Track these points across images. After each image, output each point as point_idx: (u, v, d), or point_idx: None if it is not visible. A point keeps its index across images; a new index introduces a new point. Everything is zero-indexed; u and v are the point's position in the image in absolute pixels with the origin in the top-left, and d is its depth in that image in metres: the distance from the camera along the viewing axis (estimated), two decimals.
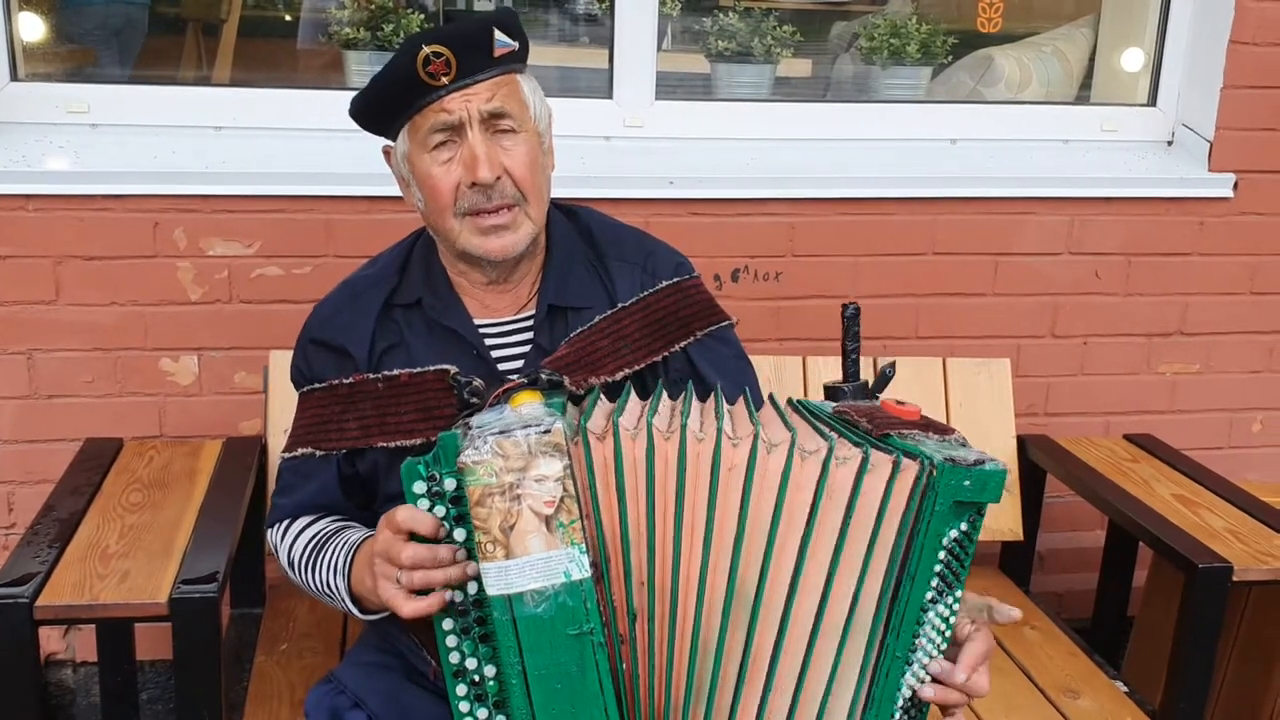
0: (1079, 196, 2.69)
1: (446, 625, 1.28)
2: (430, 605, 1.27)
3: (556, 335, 1.64)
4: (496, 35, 1.54)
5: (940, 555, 1.26)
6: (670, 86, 2.72)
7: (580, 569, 1.23)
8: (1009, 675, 2.11)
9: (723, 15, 2.88)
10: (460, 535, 1.25)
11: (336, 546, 1.56)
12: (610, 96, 2.61)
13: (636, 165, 2.54)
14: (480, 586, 1.25)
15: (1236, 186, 2.73)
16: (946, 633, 1.32)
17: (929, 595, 1.28)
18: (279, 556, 1.69)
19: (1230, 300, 2.82)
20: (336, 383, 1.64)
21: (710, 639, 1.29)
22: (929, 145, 2.74)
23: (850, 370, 1.57)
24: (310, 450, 1.64)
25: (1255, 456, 2.93)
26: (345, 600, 1.53)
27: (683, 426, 1.28)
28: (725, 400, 1.41)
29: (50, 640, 2.53)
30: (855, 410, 1.38)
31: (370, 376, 1.61)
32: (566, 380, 1.45)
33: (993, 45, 3.07)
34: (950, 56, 2.96)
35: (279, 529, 1.68)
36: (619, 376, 1.59)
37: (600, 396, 1.40)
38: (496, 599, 1.23)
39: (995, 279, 2.70)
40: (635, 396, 1.42)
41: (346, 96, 1.65)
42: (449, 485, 1.24)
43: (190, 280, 2.39)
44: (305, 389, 1.69)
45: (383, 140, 1.65)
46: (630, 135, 2.61)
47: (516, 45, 1.57)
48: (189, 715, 1.74)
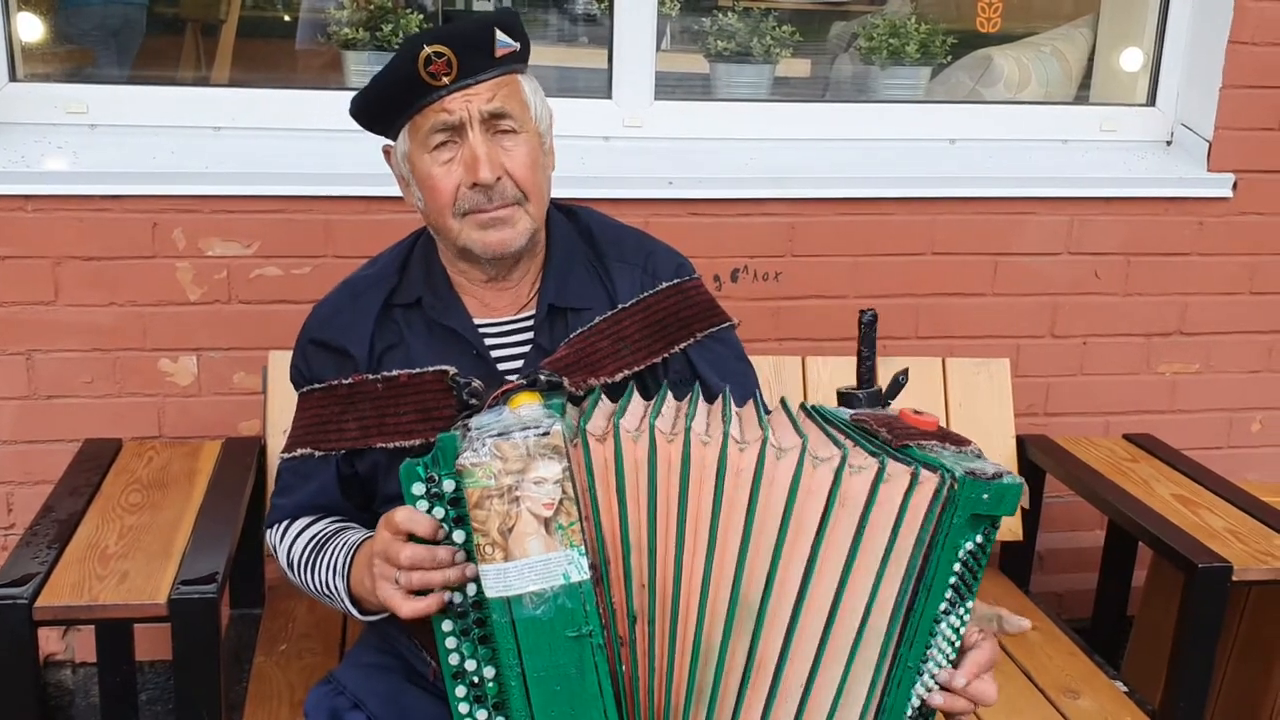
0: (1078, 196, 2.68)
1: (446, 626, 1.28)
2: (429, 606, 1.27)
3: (556, 335, 1.64)
4: (498, 35, 1.53)
5: (955, 567, 1.27)
6: (669, 86, 2.72)
7: (579, 571, 1.23)
8: (1009, 676, 2.11)
9: (722, 15, 2.88)
10: (459, 537, 1.25)
11: (336, 547, 1.56)
12: (609, 96, 2.61)
13: (636, 165, 2.54)
14: (479, 588, 1.24)
15: (1236, 186, 2.73)
16: (956, 643, 1.32)
17: (942, 606, 1.28)
18: (278, 557, 1.69)
19: (1230, 300, 2.82)
20: (336, 383, 1.63)
21: (713, 643, 1.28)
22: (928, 145, 2.74)
23: (865, 376, 1.57)
24: (309, 451, 1.64)
25: (1255, 456, 2.93)
26: (345, 601, 1.52)
27: (687, 429, 1.28)
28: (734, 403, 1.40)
29: (49, 641, 2.53)
30: (875, 419, 1.38)
31: (369, 377, 1.61)
32: (566, 381, 1.45)
33: (992, 45, 3.06)
34: (949, 56, 2.95)
35: (278, 529, 1.68)
36: (619, 378, 1.59)
37: (602, 398, 1.40)
38: (495, 601, 1.23)
39: (995, 279, 2.70)
40: (638, 397, 1.41)
41: (346, 97, 1.65)
42: (448, 487, 1.24)
43: (189, 280, 2.39)
44: (304, 389, 1.69)
45: (382, 140, 1.65)
46: (629, 135, 2.61)
47: (518, 45, 1.57)
48: (188, 716, 1.73)
